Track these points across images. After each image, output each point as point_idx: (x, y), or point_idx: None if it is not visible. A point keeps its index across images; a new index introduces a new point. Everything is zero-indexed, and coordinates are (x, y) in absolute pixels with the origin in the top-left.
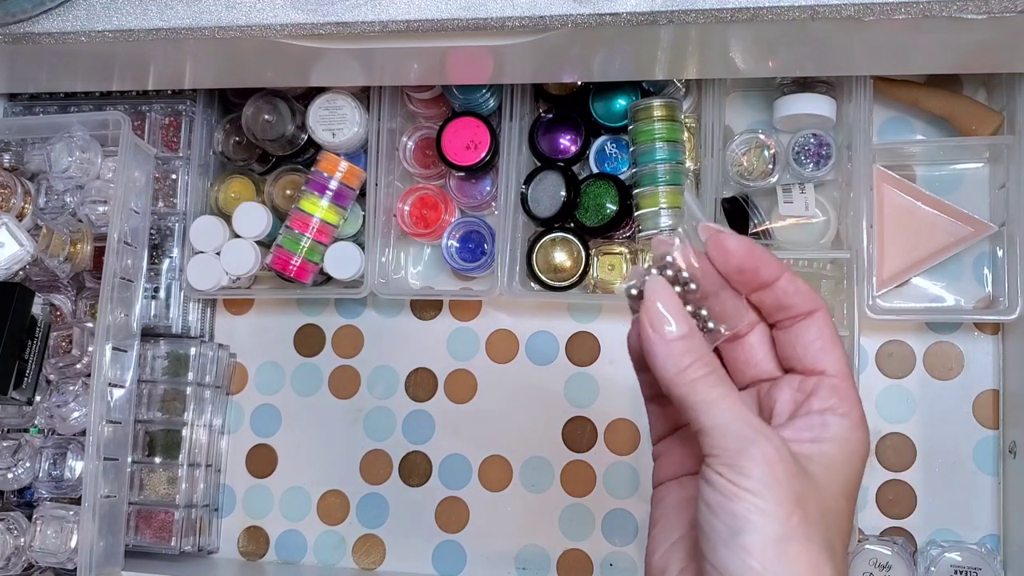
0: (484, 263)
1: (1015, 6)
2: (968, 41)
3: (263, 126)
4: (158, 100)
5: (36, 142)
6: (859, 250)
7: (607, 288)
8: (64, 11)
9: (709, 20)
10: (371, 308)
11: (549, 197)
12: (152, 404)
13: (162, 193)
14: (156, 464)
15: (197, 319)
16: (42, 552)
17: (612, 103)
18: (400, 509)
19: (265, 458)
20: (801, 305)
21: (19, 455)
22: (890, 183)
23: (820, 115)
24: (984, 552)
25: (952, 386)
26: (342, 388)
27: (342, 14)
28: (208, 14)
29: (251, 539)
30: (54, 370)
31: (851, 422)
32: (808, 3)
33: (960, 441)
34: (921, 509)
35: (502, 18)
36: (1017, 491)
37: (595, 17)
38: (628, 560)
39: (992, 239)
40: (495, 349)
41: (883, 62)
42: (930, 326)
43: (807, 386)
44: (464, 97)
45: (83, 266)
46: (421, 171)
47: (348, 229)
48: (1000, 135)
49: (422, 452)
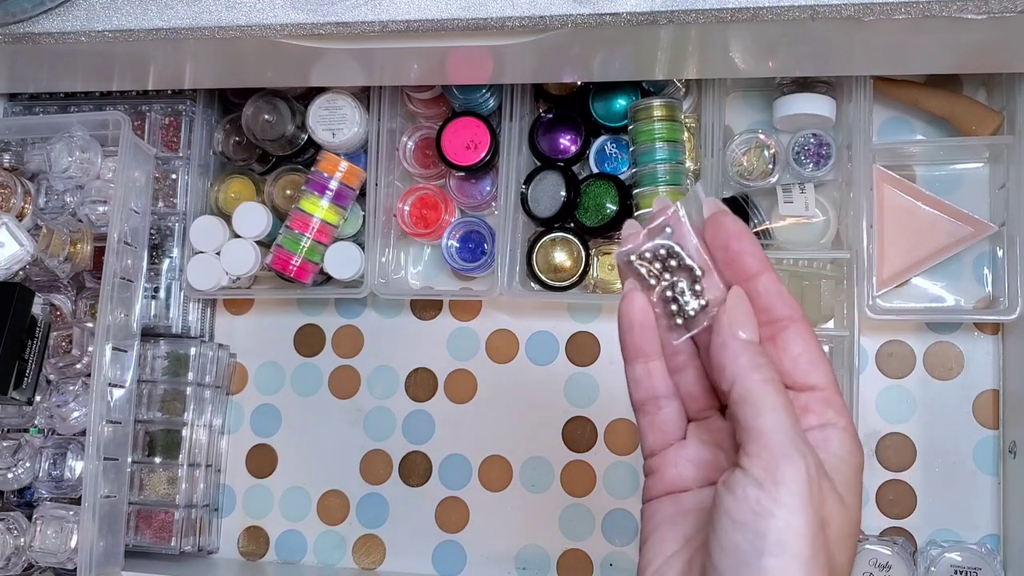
0: (484, 263)
1: (1015, 6)
2: (968, 41)
3: (263, 126)
4: (158, 100)
5: (36, 142)
6: (859, 250)
7: (607, 288)
8: (64, 11)
9: (709, 20)
10: (371, 308)
11: (549, 197)
12: (152, 404)
13: (162, 193)
14: (156, 464)
15: (197, 319)
16: (42, 552)
17: (612, 103)
18: (400, 509)
19: (265, 458)
20: (780, 308)
21: (19, 455)
22: (890, 183)
23: (820, 115)
24: (984, 552)
25: (952, 386)
26: (342, 388)
27: (342, 14)
28: (208, 14)
29: (251, 539)
30: (54, 370)
31: (850, 435)
32: (808, 3)
33: (960, 441)
34: (921, 509)
35: (502, 18)
36: (1017, 491)
37: (595, 17)
38: (628, 560)
39: (992, 239)
40: (495, 349)
41: (883, 62)
42: (930, 326)
43: (800, 402)
44: (464, 97)
45: (83, 266)
46: (421, 171)
47: (348, 229)
48: (1000, 135)
49: (422, 452)
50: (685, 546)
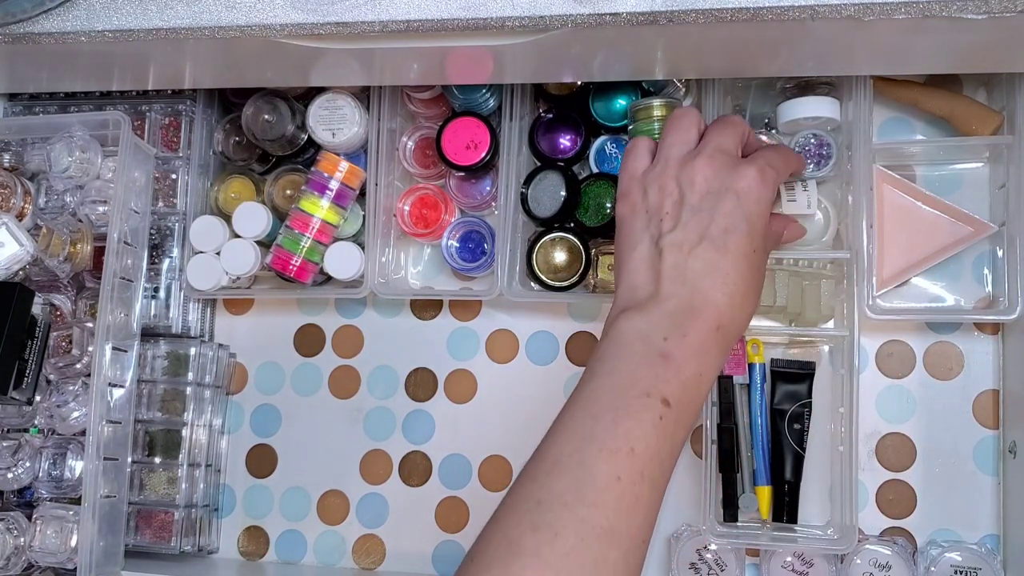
0: (484, 263)
1: (1015, 6)
2: (968, 41)
3: (263, 126)
4: (158, 100)
5: (36, 142)
6: (859, 250)
7: (607, 288)
8: (64, 11)
9: (709, 20)
10: (371, 308)
11: (549, 197)
12: (152, 404)
13: (162, 193)
14: (156, 464)
15: (197, 319)
16: (42, 552)
17: (612, 103)
18: (400, 509)
19: (265, 458)
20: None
21: (19, 455)
22: (890, 183)
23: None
24: (984, 552)
25: (952, 386)
26: (342, 388)
27: (342, 14)
28: (208, 14)
29: (251, 539)
30: (54, 370)
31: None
32: (808, 3)
33: (960, 441)
34: (921, 509)
35: (502, 18)
36: (1017, 491)
37: (595, 17)
38: None
39: (992, 239)
40: (495, 349)
41: (883, 62)
42: (930, 326)
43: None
44: (464, 97)
45: (83, 266)
46: (421, 171)
47: (348, 229)
48: (1000, 135)
49: (422, 452)
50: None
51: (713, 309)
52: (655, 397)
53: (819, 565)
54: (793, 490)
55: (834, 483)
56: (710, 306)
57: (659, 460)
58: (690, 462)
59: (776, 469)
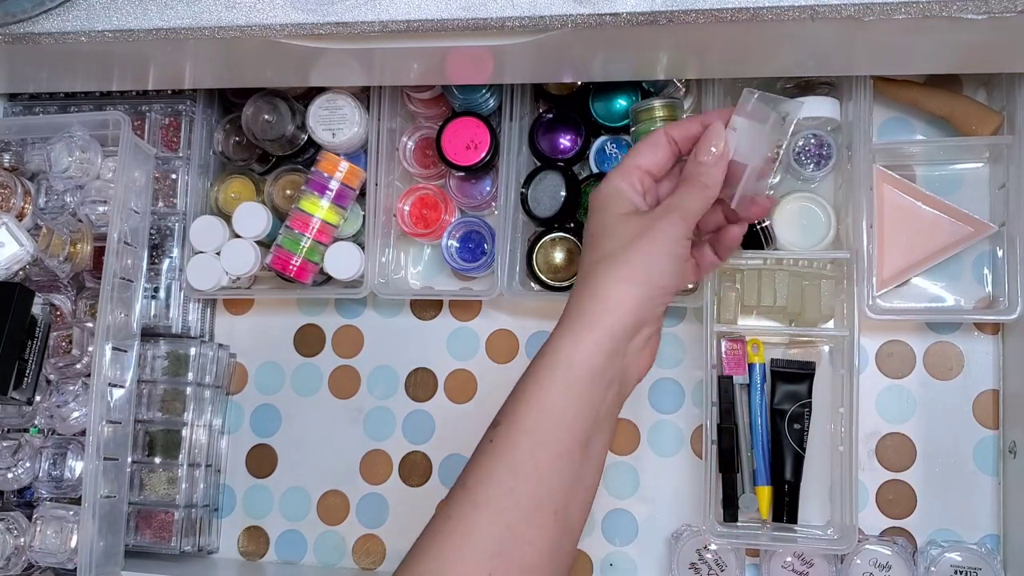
0: (484, 263)
1: (1015, 6)
2: (968, 41)
3: (263, 126)
4: (158, 100)
5: (36, 142)
6: (859, 250)
7: None
8: (64, 11)
9: (709, 20)
10: (371, 308)
11: (549, 197)
12: (152, 404)
13: (162, 193)
14: (156, 464)
15: (197, 319)
16: (42, 552)
17: (612, 103)
18: (400, 509)
19: (265, 458)
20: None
21: (19, 455)
22: (890, 183)
23: (827, 117)
24: (984, 552)
25: (952, 386)
26: (342, 388)
27: (342, 14)
28: (208, 14)
29: (251, 539)
30: (54, 370)
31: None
32: (808, 3)
33: (960, 441)
34: (921, 509)
35: (502, 18)
36: (1017, 491)
37: (595, 17)
38: (628, 560)
39: (992, 239)
40: (495, 349)
41: (883, 62)
42: (930, 326)
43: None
44: (464, 97)
45: (83, 266)
46: (421, 171)
47: (348, 229)
48: (1000, 135)
49: (422, 452)
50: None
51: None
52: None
53: (819, 565)
54: (793, 490)
55: (834, 483)
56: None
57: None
58: (690, 462)
59: (776, 469)
